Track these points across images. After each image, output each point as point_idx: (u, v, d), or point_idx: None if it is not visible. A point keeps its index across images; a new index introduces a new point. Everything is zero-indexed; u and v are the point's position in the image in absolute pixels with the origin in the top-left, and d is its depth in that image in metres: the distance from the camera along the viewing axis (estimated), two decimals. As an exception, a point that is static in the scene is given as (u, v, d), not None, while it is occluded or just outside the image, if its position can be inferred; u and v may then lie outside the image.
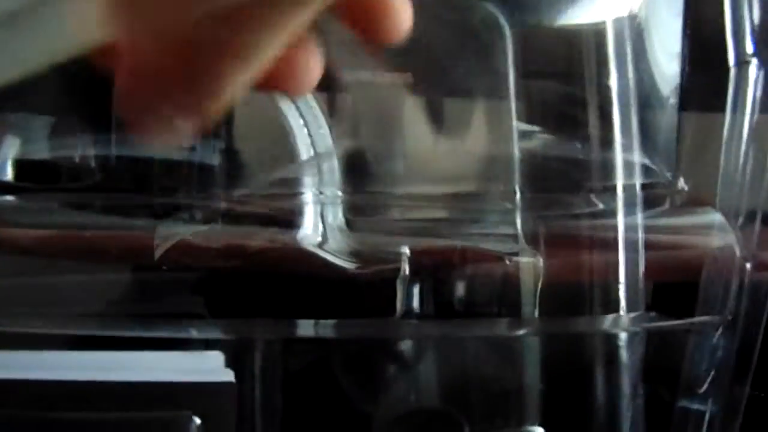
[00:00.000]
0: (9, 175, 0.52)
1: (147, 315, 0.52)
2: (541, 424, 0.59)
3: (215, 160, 0.56)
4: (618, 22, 0.59)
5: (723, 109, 0.56)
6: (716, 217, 0.57)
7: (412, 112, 0.64)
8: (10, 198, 0.51)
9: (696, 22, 0.59)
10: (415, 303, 0.58)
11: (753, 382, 0.50)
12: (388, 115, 0.61)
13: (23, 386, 0.46)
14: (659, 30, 0.59)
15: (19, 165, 0.53)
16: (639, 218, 0.60)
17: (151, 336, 0.49)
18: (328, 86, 0.57)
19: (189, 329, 0.49)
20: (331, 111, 0.58)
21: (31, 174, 0.53)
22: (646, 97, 0.59)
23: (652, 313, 0.57)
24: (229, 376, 0.49)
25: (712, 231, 0.57)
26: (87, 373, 0.47)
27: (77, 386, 0.46)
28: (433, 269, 0.59)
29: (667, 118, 0.60)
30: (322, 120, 0.57)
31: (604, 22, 0.59)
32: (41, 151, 0.53)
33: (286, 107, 0.56)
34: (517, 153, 0.62)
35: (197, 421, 0.47)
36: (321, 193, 0.58)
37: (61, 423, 0.46)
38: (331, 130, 0.58)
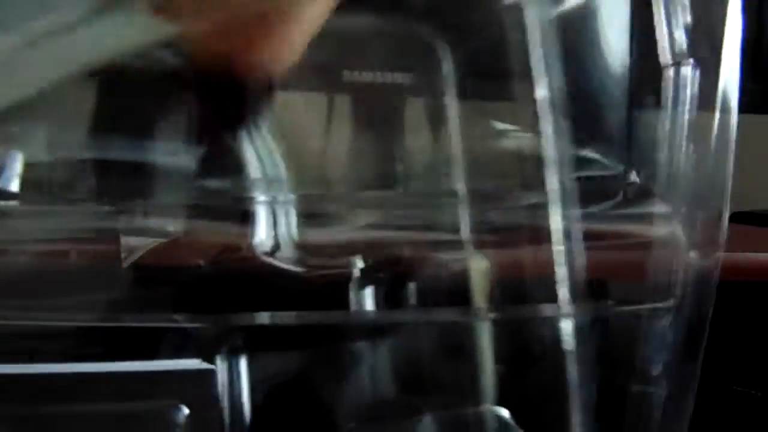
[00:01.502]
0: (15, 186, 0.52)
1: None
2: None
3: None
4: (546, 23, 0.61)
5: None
6: (662, 208, 0.60)
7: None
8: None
9: (644, 16, 0.61)
10: (368, 308, 0.59)
11: (750, 381, 0.52)
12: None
13: (10, 380, 0.46)
14: (609, 24, 0.61)
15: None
16: (575, 211, 0.62)
17: (128, 325, 0.49)
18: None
19: (170, 318, 0.49)
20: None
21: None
22: (597, 91, 0.61)
23: (610, 302, 0.59)
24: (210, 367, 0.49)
25: (658, 221, 0.60)
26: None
27: (65, 378, 0.46)
28: (384, 274, 0.60)
29: (618, 111, 0.62)
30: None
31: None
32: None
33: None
34: (459, 152, 0.63)
35: (185, 409, 0.47)
36: (272, 199, 0.58)
37: (51, 415, 0.45)
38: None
